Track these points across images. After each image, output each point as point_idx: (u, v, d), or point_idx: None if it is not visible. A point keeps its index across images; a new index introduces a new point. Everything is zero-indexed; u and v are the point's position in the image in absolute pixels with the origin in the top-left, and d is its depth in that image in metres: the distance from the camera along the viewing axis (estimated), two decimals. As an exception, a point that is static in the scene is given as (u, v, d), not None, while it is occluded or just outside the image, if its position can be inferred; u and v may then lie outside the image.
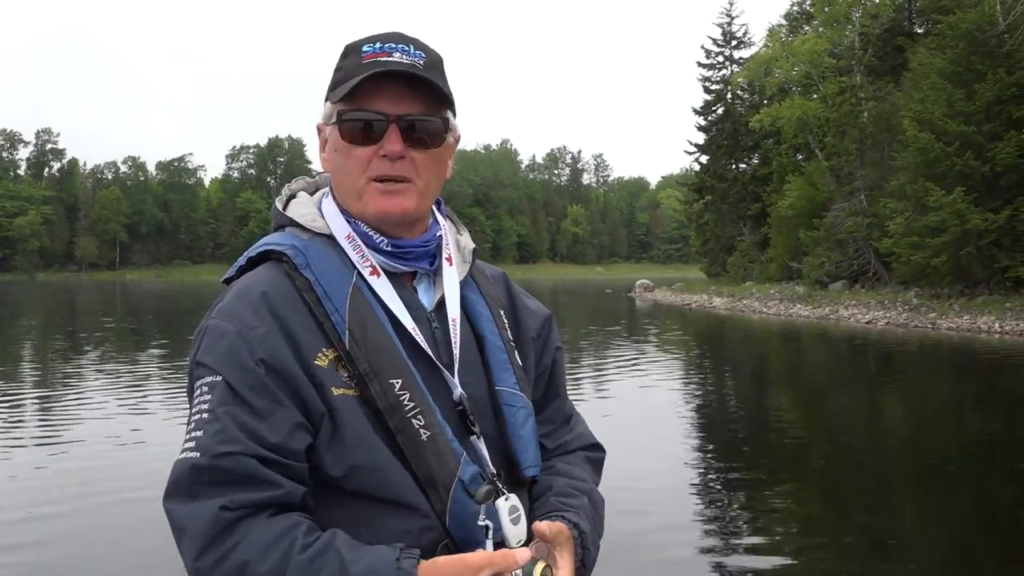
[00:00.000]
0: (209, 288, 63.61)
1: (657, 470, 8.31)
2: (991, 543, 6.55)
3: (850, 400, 14.23)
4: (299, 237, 1.48)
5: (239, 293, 1.41)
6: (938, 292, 30.37)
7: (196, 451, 1.29)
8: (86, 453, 9.14)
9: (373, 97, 1.42)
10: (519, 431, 1.51)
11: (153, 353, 19.99)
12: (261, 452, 1.28)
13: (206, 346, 1.37)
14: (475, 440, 1.44)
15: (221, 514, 1.25)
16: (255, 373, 1.32)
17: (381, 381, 1.36)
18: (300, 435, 1.32)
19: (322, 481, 1.35)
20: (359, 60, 1.43)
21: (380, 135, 1.42)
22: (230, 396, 1.31)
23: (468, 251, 1.61)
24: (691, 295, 49.87)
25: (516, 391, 1.53)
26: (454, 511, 1.36)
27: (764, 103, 50.02)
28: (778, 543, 6.47)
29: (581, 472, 1.62)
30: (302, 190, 1.60)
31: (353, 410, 1.35)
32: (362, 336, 1.38)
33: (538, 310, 1.72)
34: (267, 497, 1.28)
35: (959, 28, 29.68)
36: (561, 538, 1.41)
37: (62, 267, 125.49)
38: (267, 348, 1.34)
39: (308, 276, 1.41)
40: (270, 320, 1.36)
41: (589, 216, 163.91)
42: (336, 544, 1.26)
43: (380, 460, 1.35)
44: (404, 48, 1.44)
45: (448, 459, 1.37)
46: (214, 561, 1.24)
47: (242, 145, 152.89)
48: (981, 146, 28.26)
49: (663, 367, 18.04)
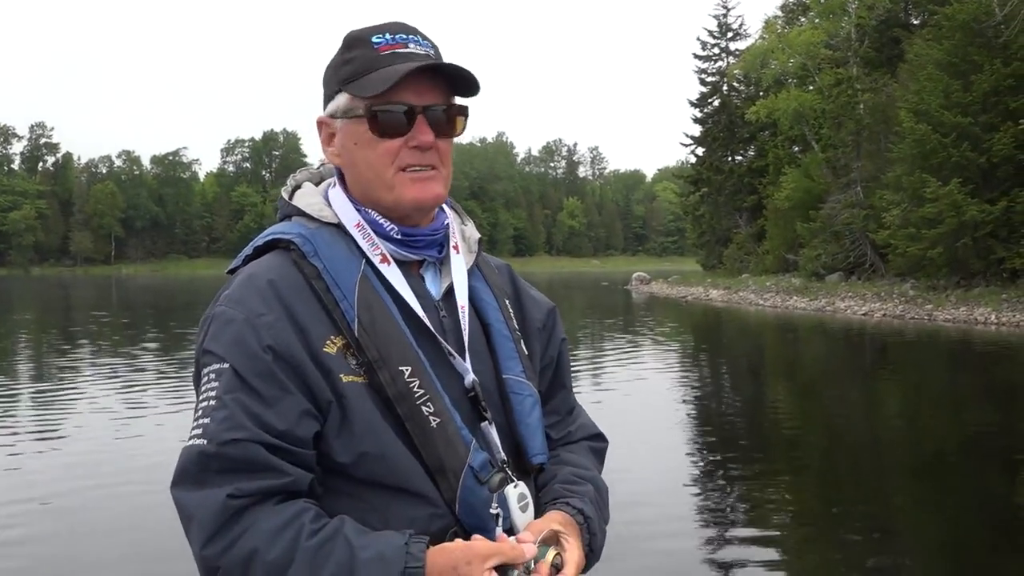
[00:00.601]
0: (204, 282, 63.53)
1: (652, 461, 8.28)
2: (987, 534, 6.56)
3: (846, 392, 14.23)
4: (306, 226, 1.48)
5: (246, 281, 1.42)
6: (934, 284, 30.38)
7: (203, 438, 1.29)
8: (79, 448, 9.11)
9: (400, 89, 1.41)
10: (526, 419, 1.51)
11: (147, 347, 19.93)
12: (268, 439, 1.28)
13: (213, 333, 1.38)
14: (486, 426, 1.45)
15: (228, 502, 1.25)
16: (262, 360, 1.32)
17: (390, 368, 1.37)
18: (307, 422, 1.32)
19: (331, 468, 1.35)
20: (373, 52, 1.43)
21: (408, 127, 1.43)
22: (237, 383, 1.31)
23: (473, 241, 1.62)
24: (687, 288, 49.85)
25: (523, 379, 1.54)
26: (464, 498, 1.37)
27: (760, 95, 49.91)
28: (773, 534, 6.46)
29: (585, 460, 1.64)
30: (307, 180, 1.60)
31: (362, 397, 1.36)
32: (371, 323, 1.38)
33: (542, 301, 1.73)
34: (274, 484, 1.28)
35: (956, 19, 29.63)
36: (569, 527, 1.44)
37: (57, 262, 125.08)
38: (275, 335, 1.34)
39: (316, 264, 1.41)
40: (278, 307, 1.37)
41: (585, 209, 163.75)
42: (344, 530, 1.27)
43: (389, 447, 1.35)
44: (415, 39, 1.45)
45: (458, 446, 1.38)
46: (222, 548, 1.25)
47: (237, 139, 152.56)
48: (977, 137, 28.23)
49: (659, 359, 18.01)
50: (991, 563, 5.96)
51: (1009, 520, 6.88)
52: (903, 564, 6.00)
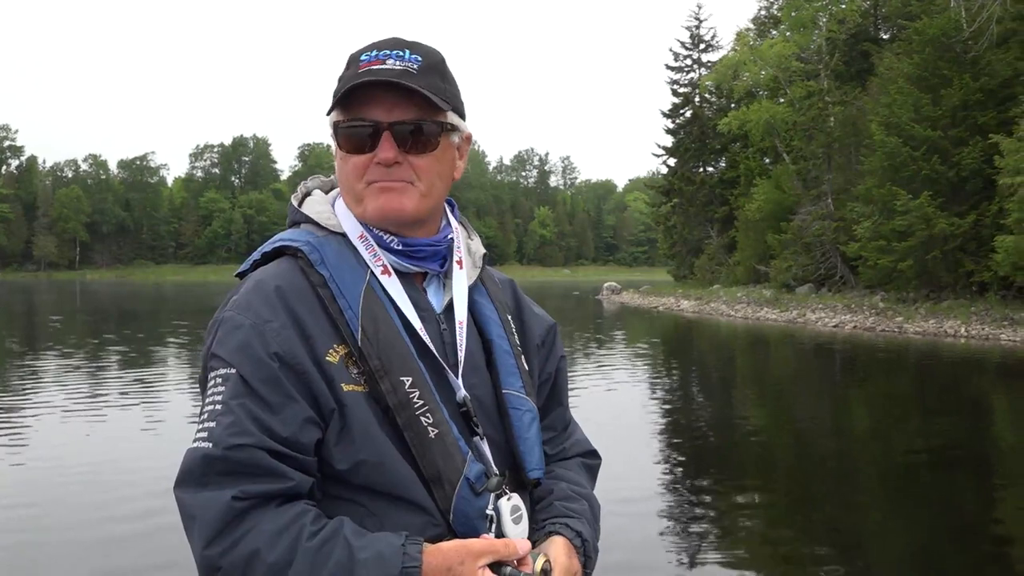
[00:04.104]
0: (173, 288, 62.65)
1: (623, 473, 8.09)
2: (954, 544, 6.65)
3: (816, 404, 14.21)
4: (314, 234, 1.50)
5: (254, 287, 1.43)
6: (904, 296, 30.52)
7: (209, 441, 1.31)
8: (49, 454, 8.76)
9: (367, 106, 1.45)
10: (524, 434, 1.53)
11: (109, 352, 19.38)
12: (272, 445, 1.31)
13: (220, 338, 1.40)
14: (478, 441, 1.47)
15: (233, 503, 1.27)
16: (268, 367, 1.34)
17: (392, 378, 1.39)
18: (310, 429, 1.35)
19: (330, 475, 1.38)
20: (357, 69, 1.46)
21: (375, 143, 1.45)
22: (243, 389, 1.34)
23: (479, 256, 1.65)
24: (658, 298, 49.84)
25: (522, 395, 1.56)
26: (459, 508, 1.39)
27: (732, 106, 50.15)
28: (741, 546, 6.43)
29: (579, 477, 1.67)
30: (317, 188, 1.61)
31: (361, 406, 1.38)
32: (374, 333, 1.41)
33: (543, 317, 1.76)
34: (277, 488, 1.30)
35: (925, 33, 29.88)
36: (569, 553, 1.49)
37: (20, 267, 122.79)
38: (281, 342, 1.36)
39: (323, 272, 1.44)
40: (284, 315, 1.39)
41: (556, 218, 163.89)
42: (343, 531, 1.29)
43: (386, 456, 1.37)
44: (399, 54, 1.46)
45: (455, 456, 1.40)
46: (223, 550, 1.26)
47: (206, 144, 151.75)
48: (947, 151, 28.44)
49: (630, 371, 17.82)
50: (959, 572, 6.02)
51: (976, 530, 6.95)
52: (871, 574, 6.02)
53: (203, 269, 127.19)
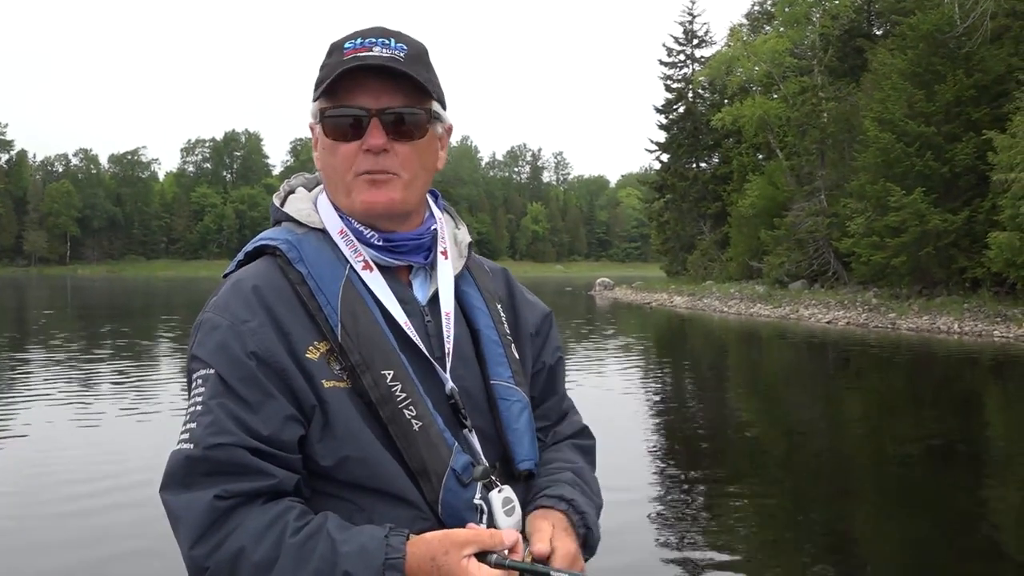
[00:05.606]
0: (164, 283, 62.47)
1: (615, 469, 7.99)
2: (947, 539, 6.64)
3: (809, 400, 14.19)
4: (294, 232, 1.50)
5: (232, 287, 1.44)
6: (897, 292, 30.50)
7: (190, 443, 1.32)
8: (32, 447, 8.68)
9: (354, 93, 1.43)
10: (513, 425, 1.51)
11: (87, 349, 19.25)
12: (252, 443, 1.30)
13: (200, 340, 1.40)
14: (467, 433, 1.46)
15: (215, 503, 1.27)
16: (246, 366, 1.34)
17: (373, 372, 1.38)
18: (292, 426, 1.34)
19: (315, 472, 1.37)
20: (341, 57, 1.44)
21: (363, 130, 1.43)
22: (222, 388, 1.34)
23: (464, 245, 1.63)
24: (651, 294, 49.80)
25: (511, 385, 1.54)
26: (446, 500, 1.38)
27: (725, 102, 50.07)
28: (735, 543, 6.41)
29: (568, 455, 1.63)
30: (301, 186, 1.60)
31: (343, 402, 1.37)
32: (354, 328, 1.40)
33: (538, 306, 1.74)
34: (260, 486, 1.30)
35: (919, 29, 29.83)
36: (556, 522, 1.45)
37: (10, 262, 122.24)
38: (258, 341, 1.36)
39: (301, 270, 1.43)
40: (262, 313, 1.39)
41: (549, 214, 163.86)
42: (327, 526, 1.29)
43: (370, 451, 1.37)
44: (385, 42, 1.45)
45: (440, 448, 1.39)
46: (209, 549, 1.26)
47: (198, 139, 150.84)
48: (940, 147, 28.40)
49: (623, 366, 17.74)
50: (951, 568, 6.01)
51: (969, 525, 6.94)
52: (865, 570, 6.02)
53: (195, 264, 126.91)
